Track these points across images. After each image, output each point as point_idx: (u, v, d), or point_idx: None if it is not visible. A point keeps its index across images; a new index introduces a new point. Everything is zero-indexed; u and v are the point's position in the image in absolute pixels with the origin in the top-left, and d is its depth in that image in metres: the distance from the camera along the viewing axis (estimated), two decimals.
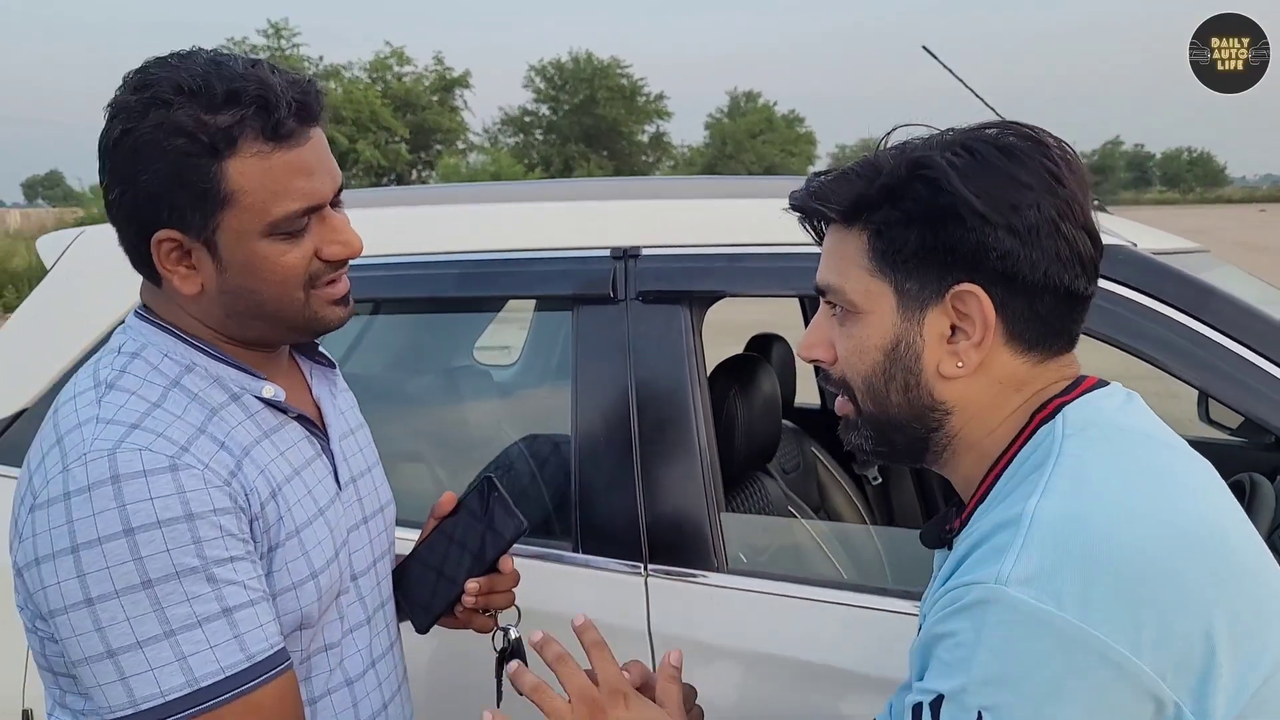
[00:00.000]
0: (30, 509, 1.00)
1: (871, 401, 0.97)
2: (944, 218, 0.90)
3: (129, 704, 0.97)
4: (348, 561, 1.17)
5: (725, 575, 1.60)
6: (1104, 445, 0.88)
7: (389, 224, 1.91)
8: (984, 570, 0.82)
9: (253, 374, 1.11)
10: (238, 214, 1.02)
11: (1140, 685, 0.77)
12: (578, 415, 1.71)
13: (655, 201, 1.92)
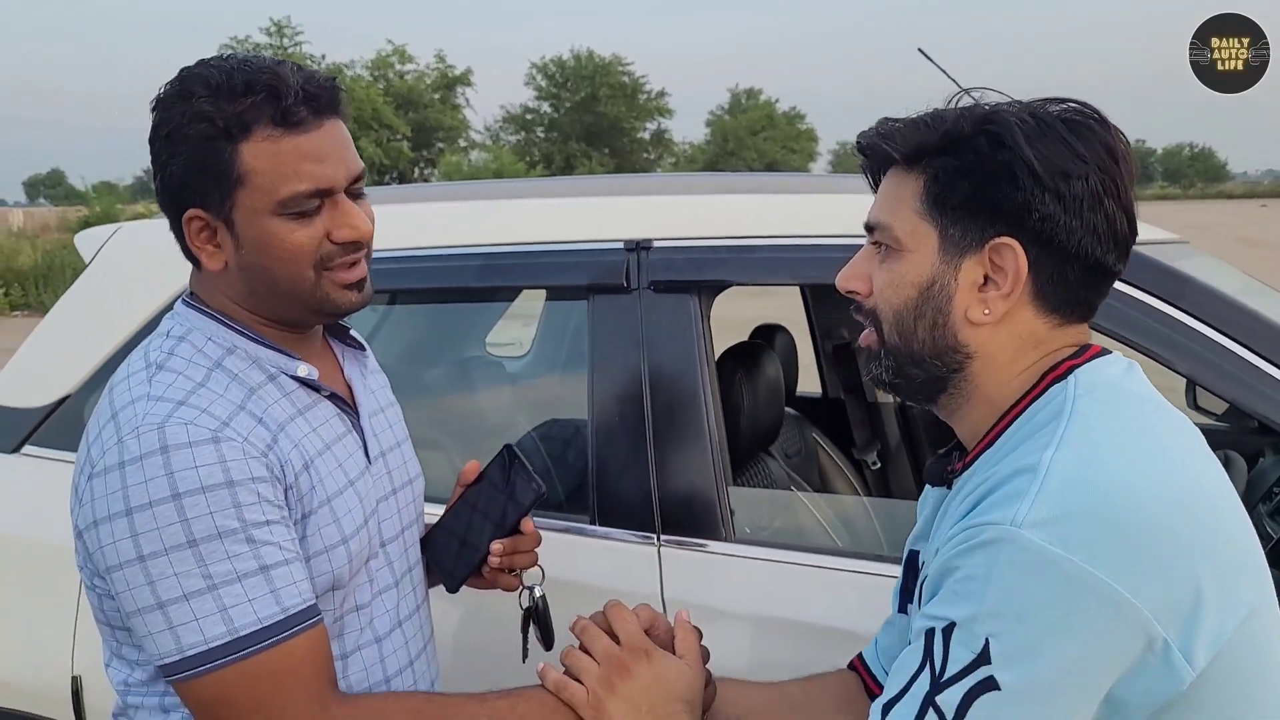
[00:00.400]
0: (89, 477, 1.10)
1: (898, 334, 1.04)
2: (998, 173, 0.97)
3: (176, 650, 1.07)
4: (377, 529, 1.26)
5: (732, 544, 1.72)
6: (1112, 407, 0.97)
7: (413, 220, 2.03)
8: (1000, 512, 0.90)
9: (288, 355, 1.21)
10: (250, 193, 1.12)
11: (1136, 623, 0.86)
12: (594, 398, 1.82)
13: (665, 197, 2.03)
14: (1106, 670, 0.88)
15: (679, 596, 1.69)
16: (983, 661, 0.88)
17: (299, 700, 1.10)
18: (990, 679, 0.88)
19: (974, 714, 0.88)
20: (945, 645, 0.90)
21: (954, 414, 1.07)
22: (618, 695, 1.13)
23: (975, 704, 0.88)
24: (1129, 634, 0.87)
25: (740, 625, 1.68)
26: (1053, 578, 0.87)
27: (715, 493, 1.73)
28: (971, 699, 0.88)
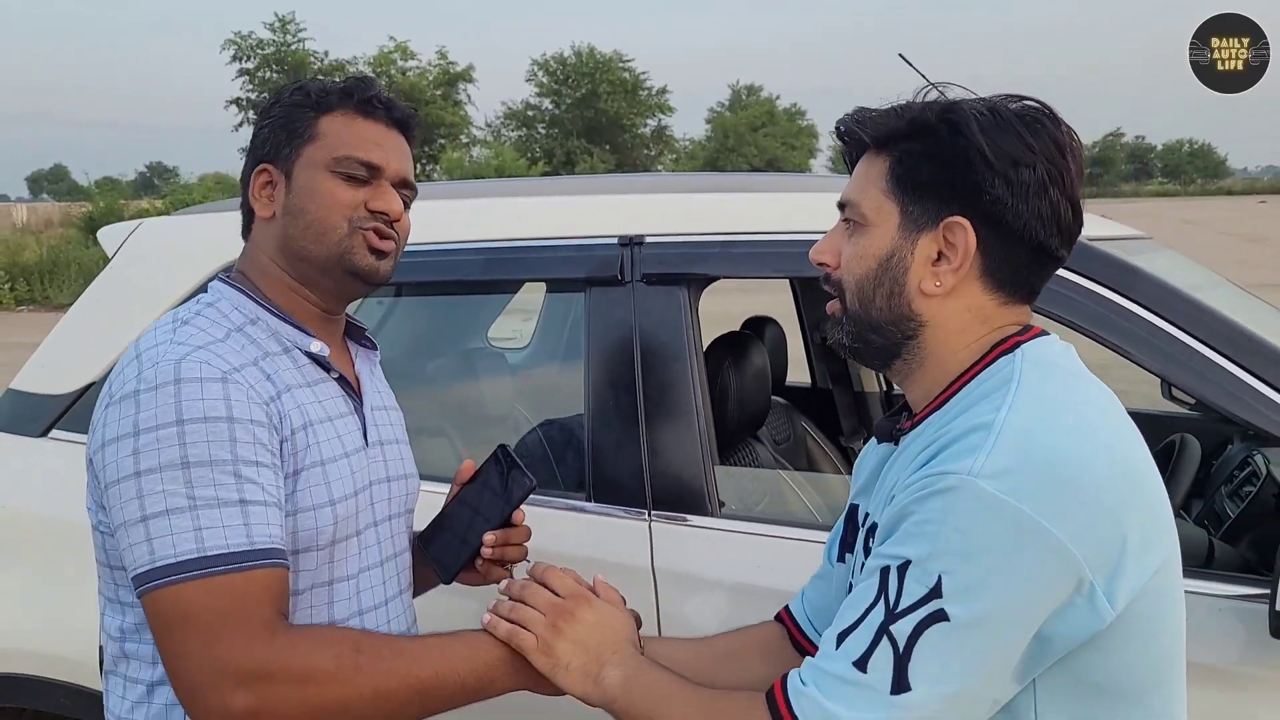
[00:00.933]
0: (105, 406, 1.20)
1: (859, 302, 1.14)
2: (955, 158, 1.07)
3: (148, 561, 1.13)
4: (369, 505, 1.35)
5: (717, 519, 1.84)
6: (1055, 379, 1.08)
7: (421, 216, 2.15)
8: (959, 463, 1.00)
9: (305, 332, 1.32)
10: (314, 148, 1.31)
11: (1070, 566, 0.98)
12: (590, 383, 1.94)
13: (658, 195, 2.16)
14: (1041, 607, 0.99)
15: (668, 567, 1.82)
16: (935, 595, 0.98)
17: (249, 625, 1.14)
18: (941, 611, 0.97)
19: (924, 642, 0.98)
20: (900, 581, 1.00)
21: (907, 378, 1.18)
22: (565, 638, 1.22)
23: (926, 633, 0.98)
24: (1064, 576, 0.98)
25: (724, 594, 1.81)
26: (1003, 523, 0.97)
27: (702, 472, 1.86)
28: (923, 629, 0.98)
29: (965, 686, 0.99)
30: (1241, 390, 1.61)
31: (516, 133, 52.75)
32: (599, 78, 50.08)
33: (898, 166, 1.12)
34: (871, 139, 1.15)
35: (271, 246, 1.33)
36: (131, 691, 1.28)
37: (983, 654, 0.99)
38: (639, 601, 1.80)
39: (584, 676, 1.20)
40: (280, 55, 44.41)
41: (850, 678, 1.00)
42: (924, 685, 0.98)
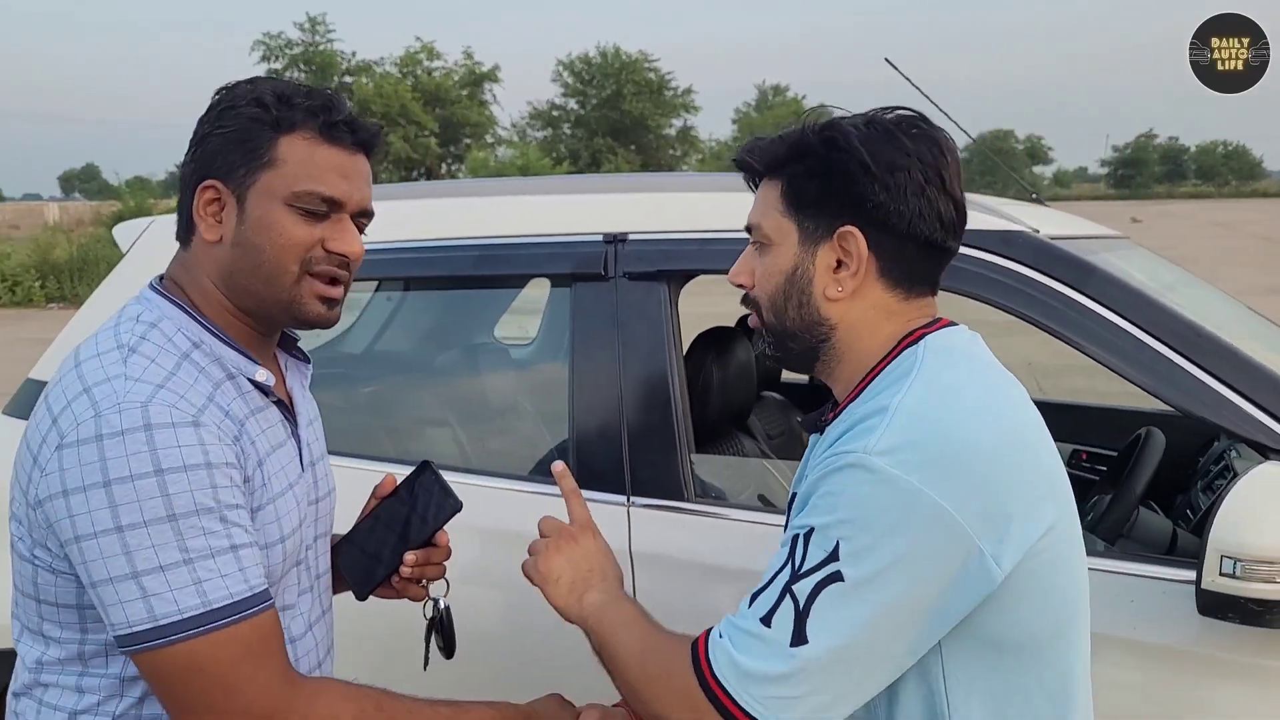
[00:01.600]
0: (57, 447, 1.11)
1: (773, 315, 1.24)
2: (837, 172, 1.16)
3: (149, 619, 1.09)
4: (304, 534, 1.30)
5: (694, 504, 1.93)
6: (951, 365, 1.17)
7: (415, 213, 2.25)
8: (856, 443, 1.09)
9: (249, 358, 1.24)
10: (272, 176, 1.19)
11: (956, 534, 1.06)
12: (574, 373, 2.03)
13: (641, 195, 2.24)
14: (935, 570, 1.06)
15: (645, 550, 1.91)
16: (832, 559, 1.07)
17: (265, 672, 1.14)
18: (837, 573, 1.06)
19: (820, 600, 1.07)
20: (805, 546, 1.09)
21: (829, 376, 1.27)
22: (563, 555, 1.32)
23: (823, 593, 1.07)
24: (951, 541, 1.06)
25: (698, 575, 1.89)
26: (893, 494, 1.06)
27: (679, 460, 1.94)
28: (820, 589, 1.07)
29: (855, 641, 1.06)
30: (1190, 385, 1.68)
31: (542, 133, 52.98)
32: (624, 78, 50.20)
33: (788, 188, 1.21)
34: (763, 166, 1.24)
35: (214, 271, 1.24)
36: (48, 716, 1.22)
37: (873, 612, 1.06)
38: None
39: (570, 592, 1.29)
40: (308, 55, 44.83)
41: (756, 631, 1.09)
42: (819, 638, 1.06)
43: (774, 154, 1.23)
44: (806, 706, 1.07)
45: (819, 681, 1.07)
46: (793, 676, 1.07)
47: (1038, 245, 1.83)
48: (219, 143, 1.21)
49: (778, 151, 1.23)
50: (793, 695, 1.07)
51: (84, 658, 1.20)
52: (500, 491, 2.07)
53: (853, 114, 1.23)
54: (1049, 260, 1.80)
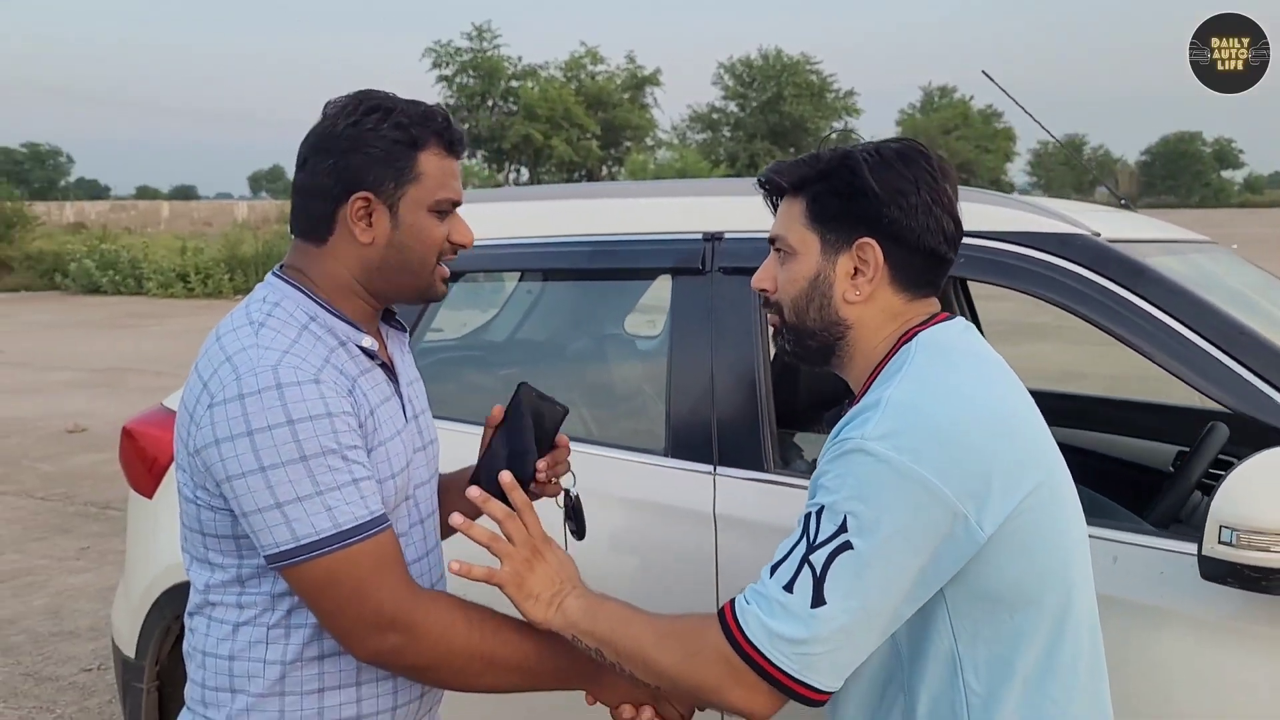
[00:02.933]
0: (209, 406, 1.36)
1: (795, 315, 1.42)
2: (856, 194, 1.35)
3: (292, 539, 1.33)
4: (411, 474, 1.53)
5: (772, 474, 2.15)
6: (939, 357, 1.34)
7: (544, 213, 2.55)
8: (855, 431, 1.26)
9: (356, 328, 1.48)
10: (419, 189, 1.45)
11: (944, 503, 1.21)
12: (672, 358, 2.29)
13: (736, 197, 2.47)
14: (927, 535, 1.23)
15: (729, 514, 2.14)
16: (842, 531, 1.22)
17: (390, 582, 1.37)
18: (847, 543, 1.22)
19: (835, 567, 1.22)
20: (817, 523, 1.25)
21: (843, 371, 1.46)
22: (536, 570, 1.44)
23: (836, 560, 1.22)
24: (940, 510, 1.21)
25: (774, 538, 2.11)
26: (887, 473, 1.22)
27: (760, 435, 2.17)
28: (834, 557, 1.22)
29: (868, 601, 1.23)
30: (1231, 381, 1.79)
31: (701, 135, 53.29)
32: (785, 80, 50.02)
33: (813, 204, 1.40)
34: (789, 184, 1.44)
35: (355, 265, 1.48)
36: (217, 630, 1.48)
37: (881, 575, 1.23)
38: (701, 544, 2.15)
39: (548, 605, 1.42)
40: (476, 62, 46.42)
41: (780, 598, 1.25)
42: (835, 600, 1.22)
43: (801, 174, 1.43)
44: (830, 660, 1.23)
45: (838, 638, 1.22)
46: (816, 635, 1.22)
47: (1093, 247, 1.97)
48: (365, 160, 1.44)
49: (804, 172, 1.42)
50: (818, 651, 1.22)
51: (241, 580, 1.46)
52: (618, 462, 2.34)
53: (866, 141, 1.43)
54: (1103, 261, 1.93)
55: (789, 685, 1.24)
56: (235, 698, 1.46)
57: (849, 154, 1.40)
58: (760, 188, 1.50)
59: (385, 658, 1.40)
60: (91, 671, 4.43)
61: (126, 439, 2.97)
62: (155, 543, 2.82)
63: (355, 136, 1.44)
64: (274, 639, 1.45)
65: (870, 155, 1.38)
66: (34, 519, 6.71)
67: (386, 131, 1.44)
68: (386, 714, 1.52)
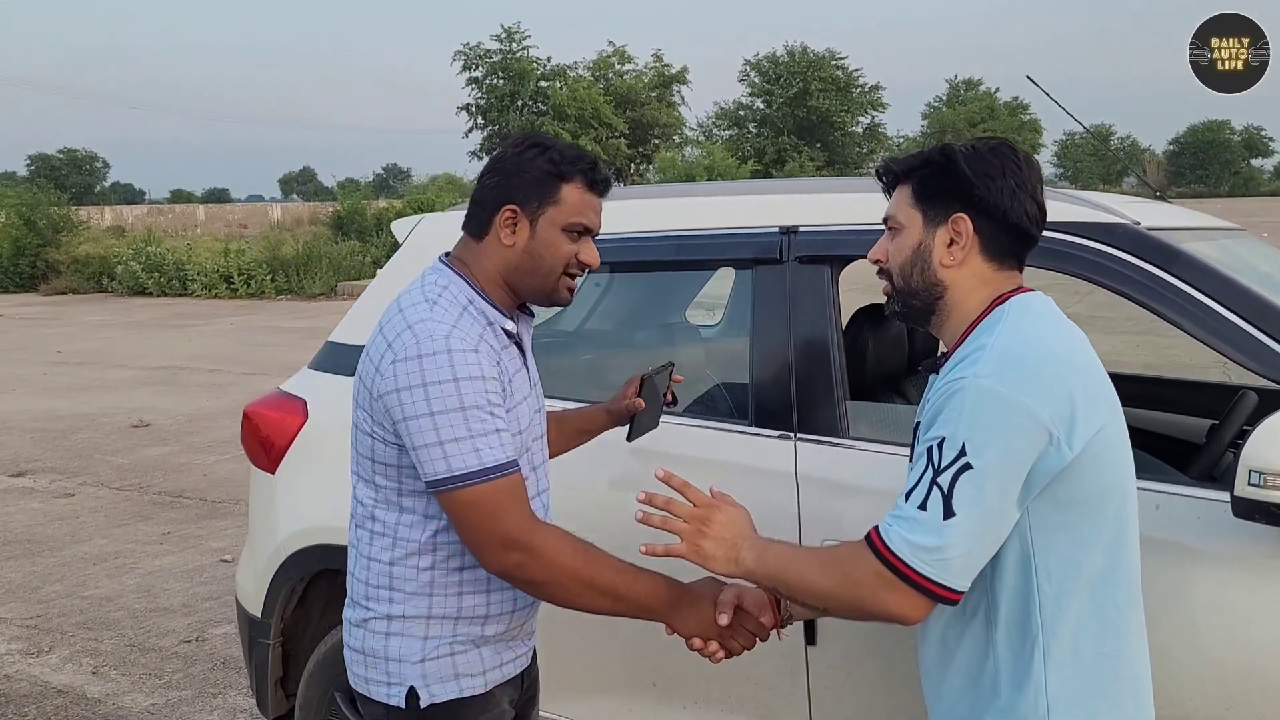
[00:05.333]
0: (393, 361, 1.71)
1: (902, 280, 1.69)
2: (952, 177, 1.63)
3: (447, 470, 1.69)
4: (533, 430, 1.91)
5: (847, 440, 2.42)
6: (1031, 316, 1.62)
7: (632, 210, 2.83)
8: (967, 370, 1.51)
9: (503, 313, 1.84)
10: (557, 210, 1.81)
11: (1041, 424, 1.46)
12: (754, 339, 2.56)
13: (809, 195, 2.75)
14: (1029, 452, 1.49)
15: (808, 474, 2.41)
16: (962, 455, 1.46)
17: (518, 512, 1.71)
18: (967, 464, 1.46)
19: (960, 485, 1.46)
20: (940, 451, 1.48)
21: (940, 329, 1.73)
22: (708, 537, 1.68)
23: (960, 479, 1.46)
24: (1037, 430, 1.47)
25: (851, 496, 2.38)
26: (996, 403, 1.48)
27: (836, 404, 2.44)
28: (958, 476, 1.46)
29: (988, 508, 1.48)
30: (1257, 350, 2.04)
31: (728, 132, 53.38)
32: (811, 76, 50.04)
33: (918, 187, 1.69)
34: (900, 171, 1.73)
35: (499, 262, 1.84)
36: (379, 540, 1.85)
37: (997, 487, 1.48)
38: (784, 501, 2.42)
39: (726, 561, 1.67)
40: (506, 64, 46.75)
41: (916, 516, 1.50)
42: (963, 509, 1.47)
43: (908, 164, 1.73)
44: (963, 562, 1.47)
45: (968, 541, 1.46)
46: (950, 543, 1.45)
47: (1134, 234, 2.22)
48: (521, 182, 1.81)
49: (911, 162, 1.73)
50: (952, 555, 1.46)
51: (400, 500, 1.82)
52: (708, 432, 2.62)
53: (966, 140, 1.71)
54: (1144, 247, 2.19)
55: (932, 589, 1.48)
56: (393, 594, 1.84)
57: (947, 146, 1.69)
58: (878, 177, 1.79)
59: (509, 569, 1.72)
60: (191, 643, 4.76)
61: (247, 422, 3.26)
62: (277, 513, 3.12)
63: (518, 163, 1.82)
64: (424, 550, 1.82)
65: (966, 147, 1.67)
66: (114, 507, 7.07)
67: (541, 163, 1.81)
68: (506, 616, 1.89)
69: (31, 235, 26.34)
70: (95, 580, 5.64)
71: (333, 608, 3.15)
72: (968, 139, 1.73)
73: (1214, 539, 2.00)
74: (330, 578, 3.09)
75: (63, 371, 13.10)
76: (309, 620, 3.18)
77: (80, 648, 4.73)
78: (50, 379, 12.53)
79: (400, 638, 1.84)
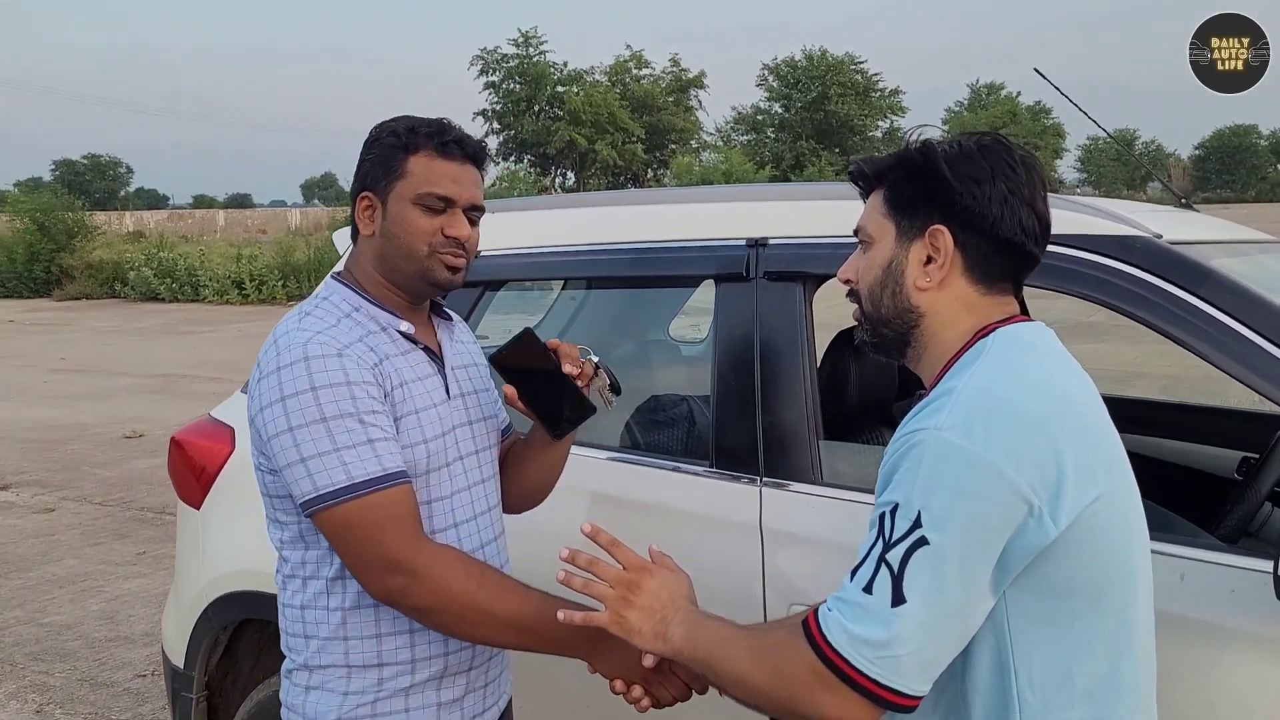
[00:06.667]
0: (257, 380, 1.60)
1: (870, 304, 1.41)
2: (930, 180, 1.34)
3: (313, 490, 1.53)
4: (454, 444, 1.72)
5: (820, 486, 2.09)
6: (1015, 352, 1.31)
7: (583, 220, 2.52)
8: (927, 421, 1.23)
9: (396, 315, 1.69)
10: (404, 184, 1.65)
11: (1016, 491, 1.18)
12: (716, 366, 2.24)
13: (781, 202, 2.42)
14: (1000, 526, 1.20)
15: (773, 526, 2.09)
16: (917, 527, 1.19)
17: (400, 531, 1.54)
18: (923, 538, 1.19)
19: (912, 564, 1.20)
20: (892, 520, 1.23)
21: (918, 363, 1.43)
22: (634, 607, 1.46)
23: (913, 557, 1.20)
24: (1013, 500, 1.19)
25: (821, 552, 2.06)
26: (961, 462, 1.19)
27: (807, 445, 2.11)
28: (910, 554, 1.19)
29: (948, 596, 1.20)
30: None
31: (746, 137, 53.08)
32: (830, 80, 49.66)
33: (890, 192, 1.40)
34: (872, 173, 1.43)
35: (371, 255, 1.71)
36: (291, 583, 1.70)
37: (959, 568, 1.20)
38: (747, 555, 2.10)
39: (654, 637, 1.44)
40: (523, 68, 46.66)
41: (860, 600, 1.22)
42: (915, 596, 1.19)
43: (881, 164, 1.43)
44: (917, 660, 1.19)
45: (922, 636, 1.19)
46: (899, 636, 1.18)
47: (1154, 249, 1.89)
48: (369, 165, 1.70)
49: (885, 162, 1.42)
50: (902, 653, 1.19)
51: (303, 536, 1.66)
52: (662, 473, 2.31)
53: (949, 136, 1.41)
54: (1165, 264, 1.86)
55: (876, 692, 1.20)
56: (309, 642, 1.68)
57: (926, 143, 1.38)
58: (851, 181, 1.49)
59: (393, 596, 1.56)
60: (146, 677, 4.48)
61: (175, 449, 2.98)
62: (204, 553, 2.83)
63: (366, 149, 1.72)
64: (333, 590, 1.65)
65: (949, 145, 1.36)
66: (93, 524, 6.83)
67: (385, 140, 1.69)
68: (439, 659, 1.69)
69: (45, 241, 26.31)
70: (58, 605, 5.38)
71: (266, 657, 2.87)
72: (957, 134, 1.42)
73: (1253, 617, 1.66)
74: (260, 626, 2.80)
75: (63, 379, 12.93)
76: (237, 672, 2.88)
77: (29, 682, 4.46)
78: (50, 387, 12.35)
79: (319, 692, 1.67)
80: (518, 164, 47.65)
